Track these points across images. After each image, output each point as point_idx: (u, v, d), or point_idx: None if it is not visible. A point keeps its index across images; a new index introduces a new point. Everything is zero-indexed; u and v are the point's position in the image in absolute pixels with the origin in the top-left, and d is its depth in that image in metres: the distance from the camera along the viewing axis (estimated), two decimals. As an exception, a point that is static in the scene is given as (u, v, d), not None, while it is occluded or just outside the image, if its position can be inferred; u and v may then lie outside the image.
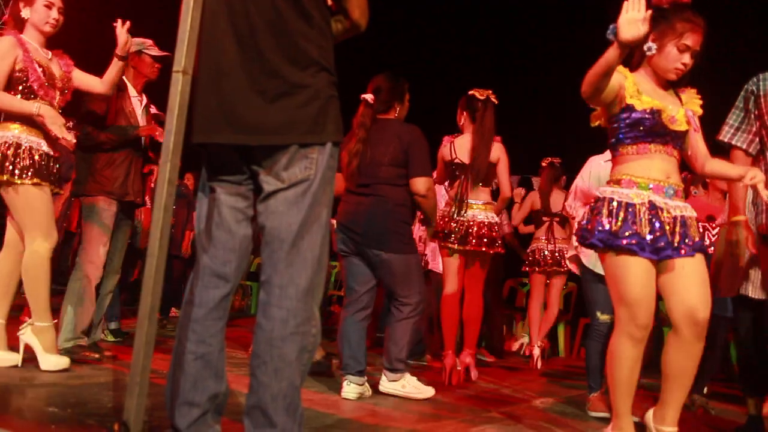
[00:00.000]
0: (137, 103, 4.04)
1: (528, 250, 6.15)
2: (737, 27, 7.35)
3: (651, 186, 2.60)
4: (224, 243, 1.92)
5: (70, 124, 3.73)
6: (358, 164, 3.60)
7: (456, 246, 4.34)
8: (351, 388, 3.46)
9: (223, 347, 1.95)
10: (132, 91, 4.02)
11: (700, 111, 2.77)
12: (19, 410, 2.48)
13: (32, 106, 3.20)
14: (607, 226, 2.56)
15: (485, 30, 10.85)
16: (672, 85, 2.77)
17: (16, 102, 3.21)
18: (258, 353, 1.82)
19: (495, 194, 4.71)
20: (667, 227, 2.56)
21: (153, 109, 4.22)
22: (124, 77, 3.99)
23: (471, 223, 4.33)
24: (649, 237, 2.54)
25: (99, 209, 3.77)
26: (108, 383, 3.14)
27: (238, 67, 1.85)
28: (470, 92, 4.50)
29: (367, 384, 3.56)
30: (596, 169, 3.96)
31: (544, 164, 6.20)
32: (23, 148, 3.21)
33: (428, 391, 3.64)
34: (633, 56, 2.75)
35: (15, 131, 3.22)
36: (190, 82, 1.77)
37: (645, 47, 2.64)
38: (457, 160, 4.43)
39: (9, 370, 3.15)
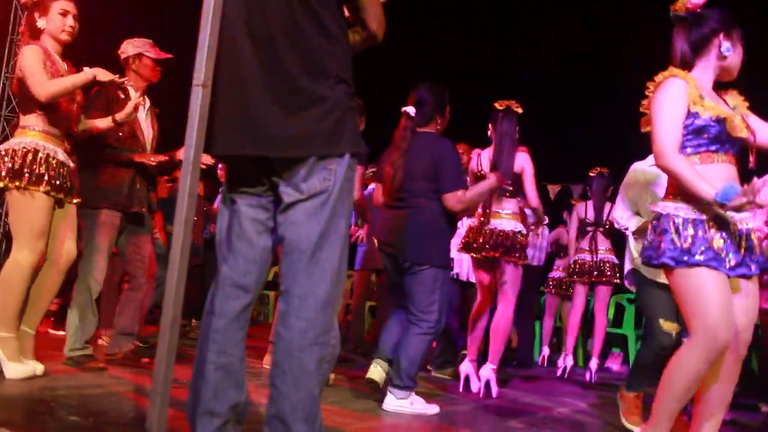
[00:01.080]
0: (140, 108, 3.98)
1: (571, 261, 6.10)
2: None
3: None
4: (245, 254, 1.94)
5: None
6: (402, 177, 3.58)
7: (482, 255, 4.33)
8: (377, 370, 3.48)
9: (243, 357, 1.97)
10: (134, 96, 3.93)
11: (749, 114, 2.66)
12: (41, 419, 2.51)
13: (86, 73, 3.22)
14: (678, 244, 2.42)
15: (523, 40, 10.92)
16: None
17: (70, 79, 3.21)
18: (278, 363, 1.84)
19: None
20: (737, 242, 2.43)
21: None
22: (125, 81, 3.90)
23: (496, 232, 4.30)
24: (723, 254, 2.40)
25: (102, 222, 3.78)
26: (128, 392, 3.17)
27: (257, 79, 1.87)
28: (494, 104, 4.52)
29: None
30: (642, 176, 3.82)
31: (592, 174, 6.08)
32: (40, 155, 3.21)
33: (434, 409, 3.54)
34: (680, 55, 2.64)
35: (34, 138, 3.22)
36: (209, 95, 1.79)
37: (723, 48, 2.57)
38: (483, 172, 4.42)
39: (30, 379, 3.17)
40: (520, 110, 4.45)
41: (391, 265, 3.64)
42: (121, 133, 3.86)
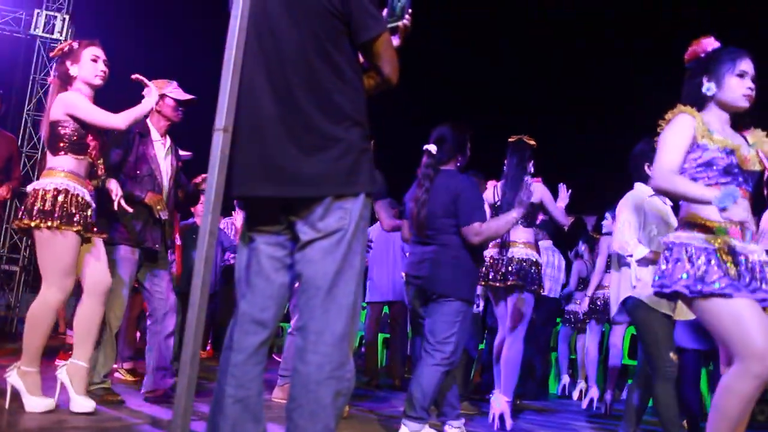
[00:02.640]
0: (160, 147, 4.06)
1: (591, 295, 6.06)
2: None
3: (728, 230, 2.50)
4: (263, 290, 2.00)
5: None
6: (426, 214, 3.64)
7: (498, 284, 4.39)
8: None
9: (261, 391, 2.02)
10: (155, 135, 4.05)
11: None
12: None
13: (150, 100, 3.51)
14: (691, 273, 2.45)
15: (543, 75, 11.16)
16: (734, 127, 2.69)
17: (140, 108, 3.46)
18: (294, 397, 1.88)
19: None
20: (750, 272, 2.45)
21: (184, 154, 4.30)
22: (147, 121, 4.03)
23: (514, 260, 4.38)
24: (739, 279, 2.43)
25: (120, 257, 3.85)
26: (147, 425, 3.21)
27: (275, 122, 1.95)
28: None
29: (463, 427, 3.60)
30: (642, 202, 3.72)
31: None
32: (70, 195, 3.30)
33: None
34: (690, 102, 2.68)
35: (63, 179, 3.31)
36: (230, 139, 1.87)
37: (704, 89, 2.63)
38: (498, 203, 4.52)
39: (50, 413, 3.21)
40: (531, 143, 4.53)
41: (419, 299, 3.69)
42: (138, 171, 3.93)
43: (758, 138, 2.68)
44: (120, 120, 3.39)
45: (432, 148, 3.74)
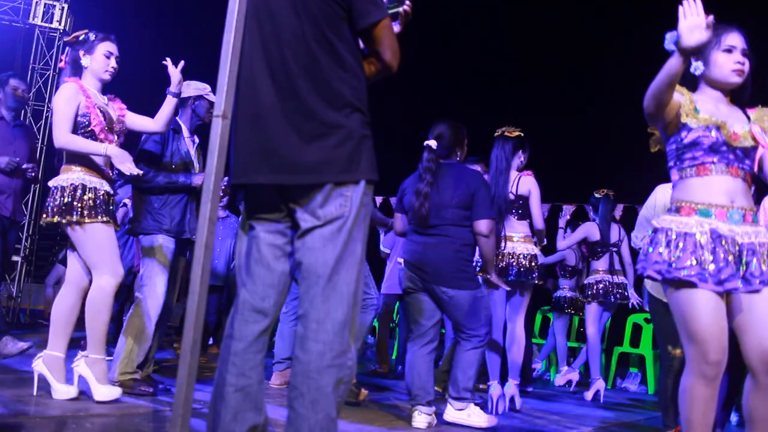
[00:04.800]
0: (191, 144, 4.15)
1: (585, 282, 6.11)
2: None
3: (713, 212, 2.42)
4: (263, 279, 1.99)
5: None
6: (429, 206, 3.75)
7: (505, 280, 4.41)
8: (422, 418, 3.61)
9: (262, 379, 2.01)
10: (186, 132, 4.14)
11: None
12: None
13: (101, 147, 3.39)
14: (665, 257, 2.41)
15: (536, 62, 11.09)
16: (740, 105, 2.61)
17: (84, 143, 3.38)
18: (295, 385, 1.88)
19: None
20: (731, 257, 2.38)
21: None
22: (178, 119, 4.12)
23: (511, 255, 4.41)
24: (711, 267, 2.36)
25: (158, 246, 3.88)
26: (149, 414, 3.22)
27: (275, 109, 1.93)
28: None
29: (434, 414, 3.68)
30: (662, 198, 3.81)
31: (598, 196, 6.09)
32: (88, 189, 3.37)
33: (492, 420, 3.75)
34: (684, 84, 2.58)
35: (79, 174, 3.38)
36: (229, 125, 1.85)
37: (692, 69, 2.56)
38: None
39: (63, 401, 3.23)
40: (514, 135, 4.55)
41: (419, 285, 3.79)
42: (174, 166, 4.00)
43: (760, 114, 2.59)
44: (61, 141, 3.35)
45: (432, 143, 3.87)
